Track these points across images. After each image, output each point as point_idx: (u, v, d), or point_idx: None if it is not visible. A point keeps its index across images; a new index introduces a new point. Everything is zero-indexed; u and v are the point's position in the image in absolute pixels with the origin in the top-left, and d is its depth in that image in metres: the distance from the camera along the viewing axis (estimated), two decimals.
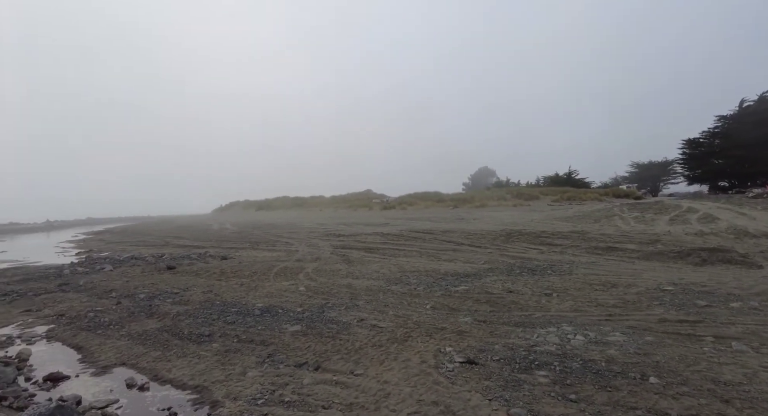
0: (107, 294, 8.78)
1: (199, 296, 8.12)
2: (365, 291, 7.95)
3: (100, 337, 5.89)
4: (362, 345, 5.02)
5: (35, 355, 5.40)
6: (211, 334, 5.63)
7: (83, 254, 18.92)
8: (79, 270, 12.42)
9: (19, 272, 12.81)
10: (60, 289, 9.62)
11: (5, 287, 10.17)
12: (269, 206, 73.62)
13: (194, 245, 19.56)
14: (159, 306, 7.37)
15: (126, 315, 6.96)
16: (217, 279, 10.01)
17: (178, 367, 4.64)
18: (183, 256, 14.96)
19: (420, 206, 41.66)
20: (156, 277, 10.95)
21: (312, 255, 13.61)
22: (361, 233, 19.74)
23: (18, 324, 7.03)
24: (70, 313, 7.37)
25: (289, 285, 8.89)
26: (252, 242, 19.33)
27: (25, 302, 8.64)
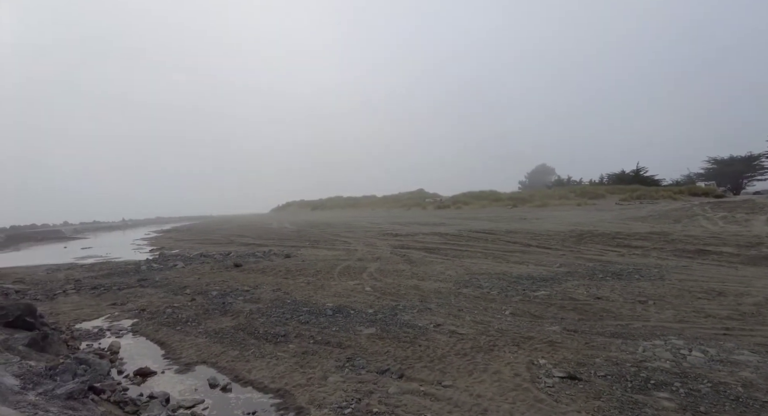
0: (182, 291, 9.09)
1: (269, 294, 8.18)
2: (435, 294, 7.61)
3: (180, 334, 6.00)
4: (444, 352, 4.68)
5: (124, 348, 5.58)
6: (286, 334, 5.54)
7: (156, 251, 20.13)
8: (154, 267, 13.11)
9: (104, 267, 13.77)
10: (139, 285, 10.13)
11: (93, 281, 10.91)
12: (323, 206, 75.24)
13: (257, 243, 20.17)
14: (232, 304, 7.47)
15: (201, 312, 7.11)
16: (283, 278, 10.10)
17: (258, 368, 4.55)
18: (248, 254, 15.39)
19: (476, 206, 40.58)
20: (225, 274, 11.27)
21: (372, 255, 13.46)
22: (417, 233, 19.41)
23: (107, 316, 7.41)
24: (150, 308, 7.66)
25: (354, 285, 8.75)
26: (311, 241, 19.60)
27: (111, 296, 9.17)
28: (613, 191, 39.91)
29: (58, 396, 3.04)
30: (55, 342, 5.28)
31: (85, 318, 7.33)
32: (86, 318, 7.29)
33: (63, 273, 12.68)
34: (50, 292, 9.61)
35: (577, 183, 58.79)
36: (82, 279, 11.35)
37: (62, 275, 12.35)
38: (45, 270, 13.53)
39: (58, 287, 10.26)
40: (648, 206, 28.31)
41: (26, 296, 9.28)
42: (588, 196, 37.75)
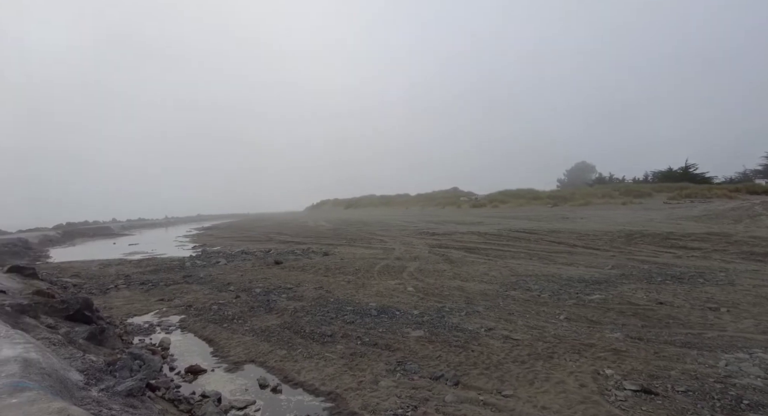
0: (226, 288, 9.23)
1: (311, 292, 8.15)
2: (481, 296, 7.34)
3: (227, 331, 6.03)
4: (500, 359, 4.44)
5: (174, 344, 5.66)
6: (333, 334, 5.45)
7: (198, 248, 20.74)
8: (198, 263, 13.46)
9: (151, 263, 14.28)
10: (185, 281, 10.38)
11: (142, 276, 11.30)
12: (357, 204, 75.59)
13: (295, 241, 20.41)
14: (276, 302, 7.48)
15: (246, 309, 7.15)
16: (324, 276, 10.08)
17: (307, 369, 4.47)
18: (288, 252, 15.56)
19: (513, 204, 39.55)
20: (266, 272, 11.40)
21: (410, 254, 13.28)
22: (455, 232, 19.06)
23: (155, 312, 7.59)
24: (196, 305, 7.80)
25: (395, 285, 8.60)
26: (348, 239, 19.63)
27: (159, 291, 9.43)
28: (659, 189, 37.83)
29: (118, 392, 3.03)
30: (111, 336, 5.41)
31: (135, 313, 7.54)
32: (137, 313, 7.50)
33: (114, 269, 13.23)
34: (103, 287, 10.00)
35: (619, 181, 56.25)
36: (132, 274, 11.78)
37: (113, 270, 12.87)
38: (97, 265, 14.17)
39: (109, 282, 10.68)
40: (700, 205, 26.62)
41: (82, 290, 9.71)
42: (633, 195, 35.95)
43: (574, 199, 36.69)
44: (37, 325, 4.99)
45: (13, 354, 2.78)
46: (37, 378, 2.46)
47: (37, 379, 2.45)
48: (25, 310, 5.34)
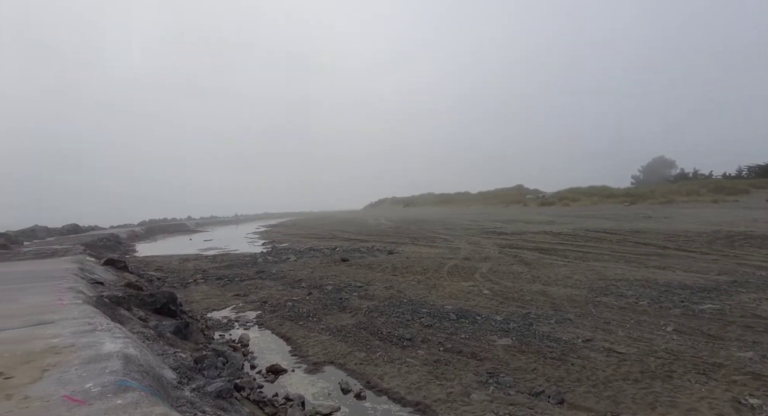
0: (297, 284, 9.32)
1: (382, 291, 7.96)
2: (568, 302, 6.72)
3: (303, 329, 5.97)
4: (608, 376, 3.91)
5: (252, 341, 5.69)
6: (412, 338, 5.17)
7: (268, 244, 21.50)
8: (269, 260, 13.85)
9: (225, 259, 14.93)
10: (258, 277, 10.65)
11: (218, 272, 11.79)
12: (415, 203, 75.21)
13: (358, 238, 20.50)
14: (348, 300, 7.36)
15: (320, 307, 7.10)
16: (392, 275, 9.87)
17: (390, 375, 4.22)
18: (353, 249, 15.60)
19: (585, 202, 37.12)
20: (334, 269, 11.43)
21: (479, 254, 12.72)
22: (524, 231, 18.10)
23: (232, 307, 7.78)
24: (271, 301, 7.89)
25: (469, 287, 8.16)
26: (410, 237, 19.36)
27: (234, 286, 9.74)
28: (759, 185, 33.64)
29: (209, 393, 2.95)
30: (194, 331, 5.54)
31: (214, 307, 7.77)
32: (215, 308, 7.73)
33: (192, 263, 13.97)
34: (183, 281, 10.52)
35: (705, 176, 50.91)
36: (208, 269, 12.33)
37: (191, 265, 13.59)
38: (177, 260, 15.07)
39: (189, 276, 11.23)
40: None
41: (165, 283, 10.28)
42: (725, 192, 32.29)
43: (654, 196, 33.66)
44: (131, 317, 5.20)
45: (115, 349, 2.78)
46: (137, 377, 2.40)
47: (137, 378, 2.39)
48: (121, 302, 5.61)
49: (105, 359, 2.60)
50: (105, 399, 2.02)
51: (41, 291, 5.22)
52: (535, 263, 10.64)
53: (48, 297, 4.79)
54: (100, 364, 2.51)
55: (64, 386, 2.21)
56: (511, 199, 49.64)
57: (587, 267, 9.67)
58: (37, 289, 5.34)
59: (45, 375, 2.39)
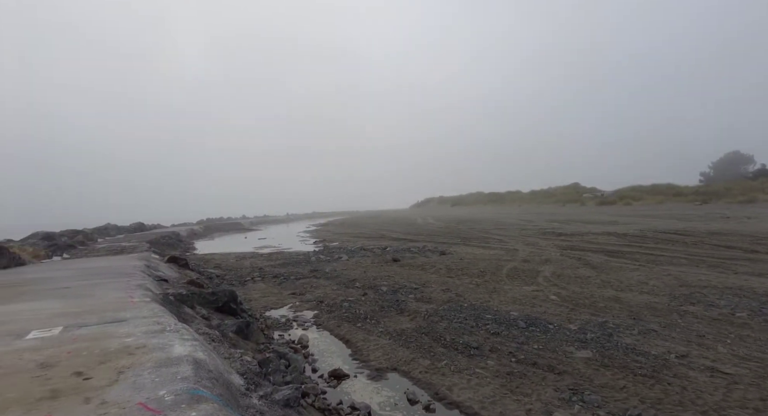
0: (352, 284, 9.22)
1: (439, 294, 7.66)
2: (648, 310, 6.09)
3: (362, 331, 5.80)
4: (719, 402, 3.39)
5: (311, 342, 5.60)
6: (479, 347, 4.85)
7: (319, 243, 21.78)
8: (322, 259, 13.93)
9: (280, 257, 15.22)
10: (313, 276, 10.69)
11: (273, 270, 11.98)
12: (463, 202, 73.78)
13: (407, 238, 20.26)
14: (405, 303, 7.13)
15: (377, 308, 6.92)
16: (447, 276, 9.54)
17: (459, 387, 3.93)
18: (403, 249, 15.38)
19: (649, 201, 34.61)
20: (387, 269, 11.26)
21: (539, 256, 12.06)
22: (586, 232, 17.05)
23: (290, 306, 7.80)
24: (327, 300, 7.82)
25: (533, 291, 7.67)
26: (462, 237, 18.85)
27: (290, 285, 9.81)
28: None
29: (277, 401, 2.82)
30: (255, 330, 5.53)
31: (272, 306, 7.82)
32: (273, 306, 7.77)
33: (248, 261, 14.34)
34: (241, 278, 10.76)
35: None
36: (264, 267, 12.58)
37: (248, 263, 13.95)
38: (234, 258, 15.55)
39: (246, 274, 11.49)
40: None
41: (224, 281, 10.56)
42: None
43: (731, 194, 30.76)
44: (194, 315, 5.26)
45: (185, 353, 2.70)
46: (208, 385, 2.29)
47: (208, 386, 2.28)
48: (185, 300, 5.71)
49: (176, 363, 2.53)
50: (179, 410, 1.92)
51: (114, 287, 5.41)
52: (602, 266, 9.89)
53: (120, 293, 4.93)
54: (172, 369, 2.43)
55: (138, 392, 2.13)
56: (567, 197, 47.31)
57: (663, 271, 8.83)
58: (110, 285, 5.54)
59: (120, 377, 2.34)
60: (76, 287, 5.45)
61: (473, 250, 14.56)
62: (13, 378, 2.43)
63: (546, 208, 44.85)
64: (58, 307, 4.25)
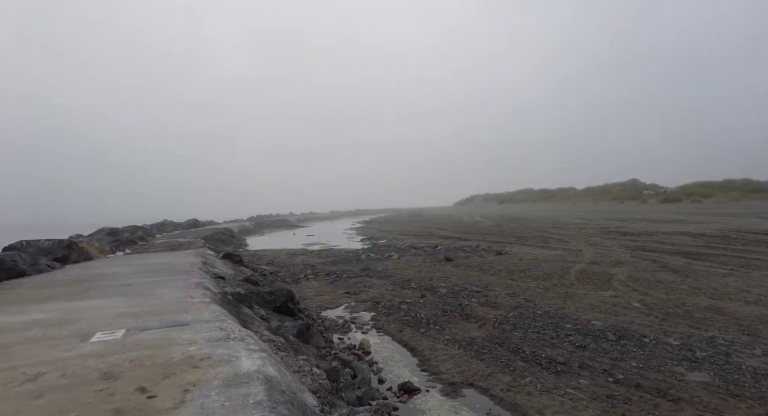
0: (407, 284, 8.81)
1: (505, 299, 7.08)
2: (763, 324, 5.23)
3: (427, 338, 5.37)
4: None
5: (374, 348, 5.23)
6: (566, 362, 4.27)
7: (366, 240, 21.57)
8: (372, 257, 13.63)
9: (330, 254, 15.09)
10: (365, 274, 10.38)
11: (325, 267, 11.80)
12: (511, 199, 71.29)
13: (457, 237, 19.60)
14: (469, 307, 6.62)
15: (439, 312, 6.45)
16: (510, 279, 8.90)
17: (552, 410, 3.40)
18: (455, 248, 14.79)
19: (721, 198, 31.60)
20: (440, 269, 10.76)
21: (607, 258, 11.12)
22: (655, 231, 15.67)
23: (345, 306, 7.50)
24: (383, 301, 7.45)
25: (611, 297, 6.92)
26: (517, 237, 17.95)
27: (343, 283, 9.55)
28: None
29: None
30: (315, 333, 5.24)
31: (327, 305, 7.56)
32: (328, 306, 7.51)
33: (299, 258, 14.30)
34: (294, 276, 10.65)
35: None
36: (316, 264, 12.44)
37: (299, 260, 13.90)
38: (285, 254, 15.60)
39: (299, 271, 11.38)
40: None
41: (278, 278, 10.49)
42: None
43: None
44: (253, 317, 5.03)
45: (254, 368, 2.38)
46: (284, 412, 1.93)
47: (285, 413, 1.92)
48: (243, 300, 5.52)
49: (245, 381, 2.21)
50: None
51: (174, 285, 5.30)
52: (685, 270, 8.88)
53: (180, 292, 4.79)
54: (242, 389, 2.11)
55: None
56: (626, 195, 44.34)
57: (765, 277, 7.74)
58: (170, 283, 5.45)
59: (187, 397, 2.05)
60: (138, 284, 5.39)
61: (532, 250, 13.74)
62: (77, 390, 2.21)
63: (603, 205, 42.31)
64: (120, 306, 4.12)
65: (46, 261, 7.19)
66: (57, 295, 4.86)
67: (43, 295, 4.91)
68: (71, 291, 5.06)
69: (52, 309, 4.09)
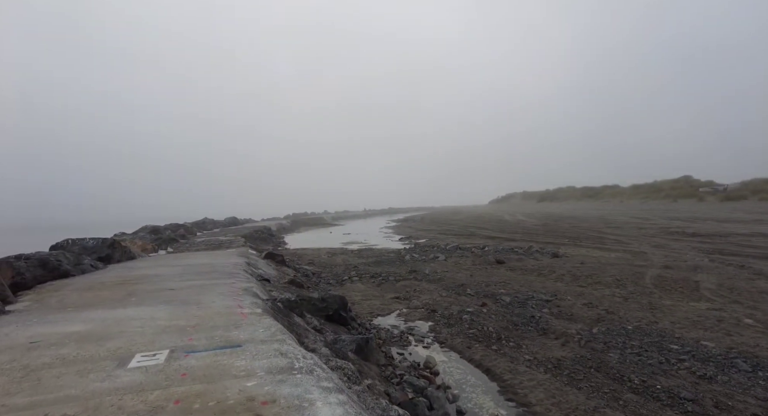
0: (462, 290, 8.08)
1: (582, 309, 6.23)
2: None
3: (503, 357, 4.64)
4: None
5: (442, 368, 4.56)
6: (695, 400, 3.44)
7: (405, 240, 20.90)
8: (415, 257, 12.93)
9: (371, 254, 14.51)
10: (413, 277, 9.71)
11: (368, 268, 11.22)
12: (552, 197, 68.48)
13: (502, 237, 18.60)
14: (542, 320, 5.82)
15: (509, 325, 5.70)
16: (577, 285, 8.00)
17: None
18: (505, 250, 13.88)
19: None
20: (494, 272, 9.96)
21: (681, 262, 9.96)
22: (728, 233, 14.16)
23: (397, 313, 6.87)
24: (439, 309, 6.77)
25: (709, 311, 5.94)
26: (568, 237, 16.78)
27: (390, 287, 8.93)
28: None
29: None
30: (374, 348, 4.62)
31: (378, 312, 6.96)
32: (379, 313, 6.90)
33: (340, 258, 13.81)
34: (338, 277, 10.12)
35: None
36: (358, 265, 11.89)
37: (340, 259, 13.41)
38: (326, 254, 15.16)
39: (341, 272, 10.86)
40: None
41: (321, 279, 9.99)
42: None
43: None
44: (307, 328, 4.48)
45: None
46: None
47: None
48: (293, 307, 4.99)
49: None
50: None
51: (220, 291, 4.82)
52: None
53: (227, 300, 4.28)
54: None
55: None
56: (679, 192, 41.47)
57: None
58: (216, 289, 4.98)
59: None
60: (182, 289, 4.95)
61: (589, 252, 12.67)
62: None
63: (654, 204, 39.77)
64: (164, 317, 3.64)
65: (90, 261, 6.95)
66: (98, 301, 4.47)
67: (84, 300, 4.54)
68: (112, 296, 4.66)
69: (91, 319, 3.66)
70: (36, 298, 4.86)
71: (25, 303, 4.57)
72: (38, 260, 6.01)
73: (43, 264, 6.02)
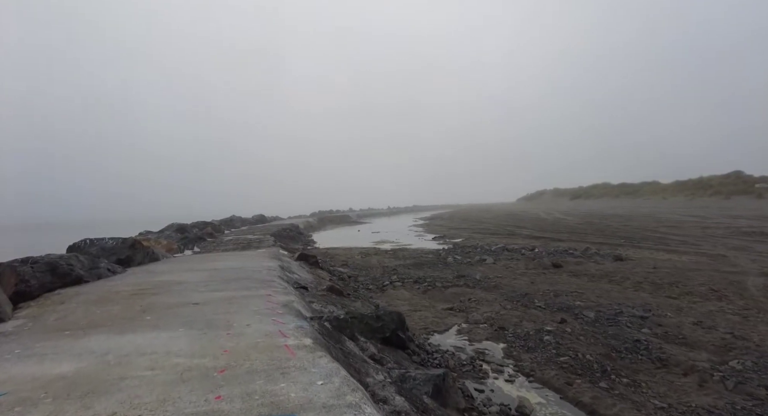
0: (526, 300, 6.94)
1: (692, 330, 5.00)
2: None
3: (623, 402, 3.49)
4: None
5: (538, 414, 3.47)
6: None
7: (439, 239, 19.75)
8: (459, 259, 11.79)
9: (406, 255, 13.44)
10: (463, 283, 8.61)
11: (408, 271, 10.17)
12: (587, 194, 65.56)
13: (546, 236, 17.21)
14: (652, 344, 4.63)
15: (609, 352, 4.53)
16: (665, 296, 6.74)
17: None
18: (557, 251, 12.57)
19: None
20: (555, 278, 8.78)
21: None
22: None
23: (457, 330, 5.81)
24: (508, 327, 5.66)
25: None
26: (623, 237, 15.30)
27: (438, 294, 7.87)
28: None
29: None
30: (451, 387, 3.56)
31: (432, 327, 5.92)
32: (434, 329, 5.85)
33: (374, 259, 12.82)
34: (377, 282, 9.11)
35: None
36: (396, 267, 10.86)
37: (374, 261, 12.42)
38: (358, 254, 14.20)
39: (380, 275, 9.87)
40: None
41: (360, 284, 8.97)
42: None
43: None
44: (365, 360, 3.46)
45: None
46: None
47: None
48: (343, 328, 3.99)
49: None
50: None
51: (255, 306, 3.89)
52: None
53: (264, 322, 3.32)
54: None
55: None
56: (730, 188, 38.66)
57: None
58: (249, 303, 4.05)
59: None
60: (208, 303, 4.02)
61: (656, 255, 11.28)
62: None
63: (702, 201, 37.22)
64: (183, 351, 2.69)
65: (107, 265, 6.14)
66: (105, 319, 3.57)
67: (89, 318, 3.65)
68: (124, 313, 3.76)
69: (88, 351, 2.74)
70: (35, 313, 4.01)
71: (18, 322, 3.71)
72: (47, 264, 5.21)
73: (52, 269, 5.21)
